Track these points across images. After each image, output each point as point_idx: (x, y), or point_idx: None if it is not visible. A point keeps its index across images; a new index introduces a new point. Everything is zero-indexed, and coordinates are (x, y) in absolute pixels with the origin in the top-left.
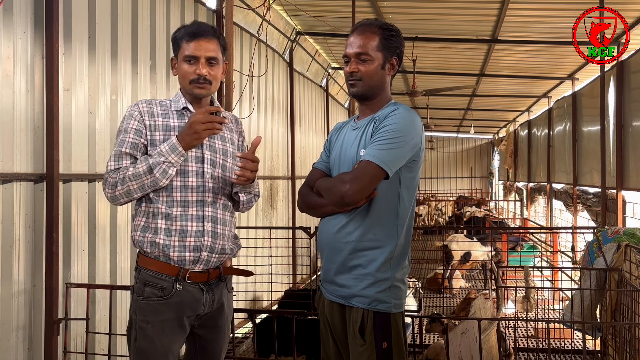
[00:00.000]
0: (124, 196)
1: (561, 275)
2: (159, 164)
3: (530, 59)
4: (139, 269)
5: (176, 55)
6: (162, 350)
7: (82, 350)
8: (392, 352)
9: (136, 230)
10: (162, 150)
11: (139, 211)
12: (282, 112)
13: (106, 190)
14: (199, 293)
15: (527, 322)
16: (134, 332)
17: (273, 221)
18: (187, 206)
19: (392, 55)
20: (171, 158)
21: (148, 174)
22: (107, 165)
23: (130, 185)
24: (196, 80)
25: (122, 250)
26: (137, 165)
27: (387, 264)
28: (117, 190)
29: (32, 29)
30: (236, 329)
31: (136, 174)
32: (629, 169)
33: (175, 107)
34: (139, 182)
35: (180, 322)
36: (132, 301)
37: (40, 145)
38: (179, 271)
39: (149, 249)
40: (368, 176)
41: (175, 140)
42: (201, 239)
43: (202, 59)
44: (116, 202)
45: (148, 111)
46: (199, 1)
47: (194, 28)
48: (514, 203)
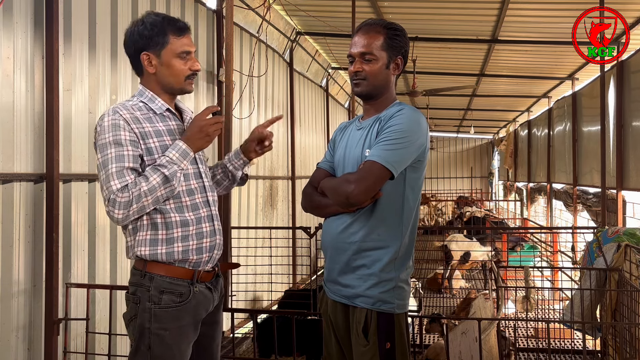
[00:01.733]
0: (136, 214)
1: (561, 275)
2: (174, 173)
3: (530, 59)
4: (151, 276)
5: (156, 52)
6: (179, 356)
7: (82, 350)
8: (395, 353)
9: (143, 246)
10: (172, 158)
11: (140, 225)
12: (282, 112)
13: (116, 212)
14: (208, 292)
15: (527, 322)
16: (147, 340)
17: (273, 221)
18: (198, 209)
19: (397, 54)
20: (183, 165)
21: (163, 184)
22: (109, 184)
23: (145, 201)
24: (191, 76)
25: (122, 250)
26: (149, 178)
27: (391, 264)
28: (131, 209)
29: (32, 29)
30: (236, 329)
31: (151, 188)
32: (629, 169)
33: (155, 109)
34: (153, 196)
35: (195, 325)
36: (139, 309)
37: (40, 145)
38: (194, 273)
39: (165, 259)
40: (373, 177)
41: (184, 145)
42: (214, 238)
43: (192, 54)
44: (125, 222)
45: (132, 118)
46: (199, 1)
47: (179, 23)
48: (514, 203)
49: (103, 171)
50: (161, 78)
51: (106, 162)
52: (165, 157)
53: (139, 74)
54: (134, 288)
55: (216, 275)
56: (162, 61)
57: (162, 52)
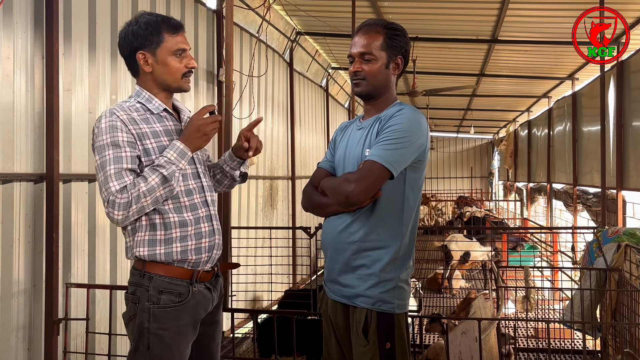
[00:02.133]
0: (135, 215)
1: (561, 275)
2: (172, 174)
3: (530, 59)
4: (150, 276)
5: (151, 50)
6: (178, 355)
7: (82, 350)
8: (395, 353)
9: (142, 246)
10: (170, 158)
11: (139, 226)
12: (282, 112)
13: (115, 213)
14: (208, 292)
15: (527, 322)
16: (146, 339)
17: (273, 221)
18: (196, 209)
19: (397, 54)
20: (181, 164)
21: (162, 185)
22: (108, 186)
23: (145, 202)
24: (187, 74)
25: (122, 250)
26: (148, 179)
27: (391, 264)
28: (130, 210)
29: (32, 29)
30: (236, 329)
31: (150, 189)
32: (629, 169)
33: (152, 109)
34: (152, 197)
35: (195, 325)
36: (138, 309)
37: (40, 145)
38: (193, 273)
39: (164, 260)
40: (373, 176)
41: (181, 145)
42: (213, 238)
43: (188, 52)
44: (124, 223)
45: (129, 119)
46: (199, 1)
47: (173, 21)
48: (514, 203)
49: (101, 173)
50: (157, 76)
51: (104, 163)
52: (163, 157)
53: (135, 75)
54: (133, 288)
55: (216, 275)
56: (158, 59)
57: (157, 50)
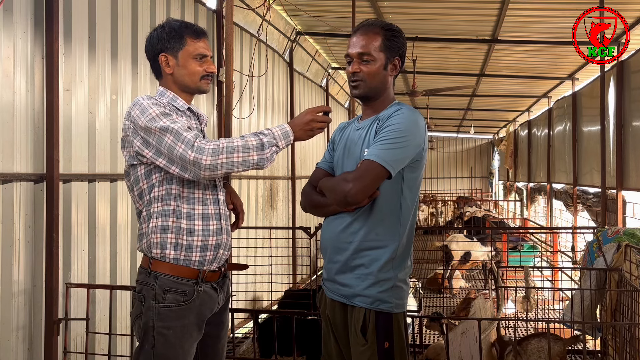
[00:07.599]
0: (224, 167)
1: (561, 275)
2: (271, 144)
3: (530, 59)
4: (155, 275)
5: (173, 53)
6: (183, 355)
7: (82, 351)
8: (393, 352)
9: (155, 233)
10: (273, 133)
11: (154, 212)
12: (282, 112)
13: (204, 158)
14: (214, 292)
15: (527, 322)
16: (151, 338)
17: (273, 221)
18: (207, 204)
19: (395, 55)
20: (281, 144)
21: (257, 150)
22: (182, 137)
23: (236, 157)
24: (206, 77)
25: (122, 250)
26: (246, 138)
27: (389, 263)
28: (219, 158)
29: (32, 29)
30: (236, 329)
31: (245, 146)
32: (629, 169)
33: (178, 107)
34: (245, 156)
35: (199, 324)
36: (144, 308)
37: (40, 145)
38: (198, 273)
39: (173, 251)
40: (370, 175)
41: (288, 127)
42: (221, 237)
43: (209, 58)
44: (212, 173)
45: (165, 106)
46: (199, 1)
47: (196, 27)
48: (514, 203)
49: (167, 135)
50: (178, 78)
51: (164, 128)
52: (267, 129)
53: (158, 77)
54: (140, 287)
55: (223, 275)
56: (179, 62)
57: (179, 53)
